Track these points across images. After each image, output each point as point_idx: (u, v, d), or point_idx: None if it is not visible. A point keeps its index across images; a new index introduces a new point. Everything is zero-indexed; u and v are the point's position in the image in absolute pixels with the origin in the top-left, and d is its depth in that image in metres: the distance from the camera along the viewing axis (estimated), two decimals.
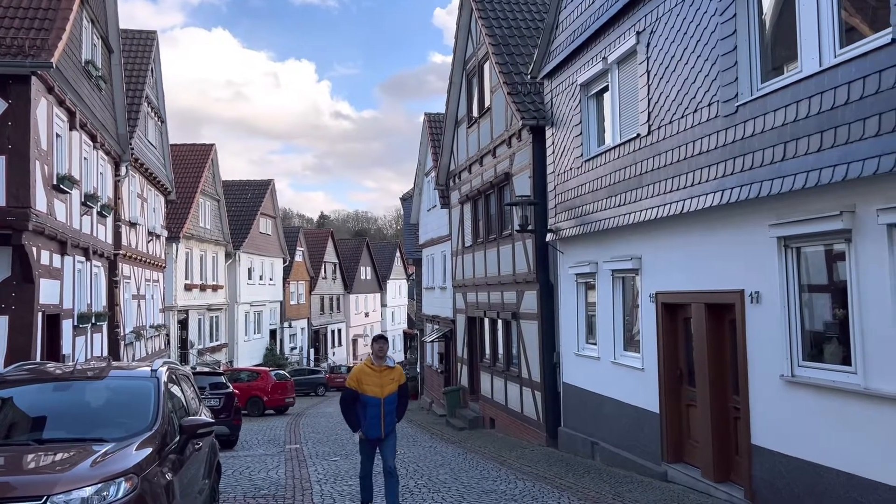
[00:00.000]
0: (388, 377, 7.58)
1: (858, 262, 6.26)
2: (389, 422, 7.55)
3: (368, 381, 7.50)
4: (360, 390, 7.50)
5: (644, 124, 9.80)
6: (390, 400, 7.55)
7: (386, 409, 7.50)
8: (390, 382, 7.57)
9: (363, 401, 7.48)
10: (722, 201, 7.84)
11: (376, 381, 7.50)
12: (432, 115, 27.14)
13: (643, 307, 10.25)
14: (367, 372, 7.56)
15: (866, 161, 5.83)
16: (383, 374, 7.56)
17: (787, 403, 7.22)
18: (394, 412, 7.60)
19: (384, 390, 7.50)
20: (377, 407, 7.45)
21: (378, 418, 7.46)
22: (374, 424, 7.47)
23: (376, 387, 7.48)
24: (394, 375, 7.62)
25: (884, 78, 5.67)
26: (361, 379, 7.54)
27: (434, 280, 26.20)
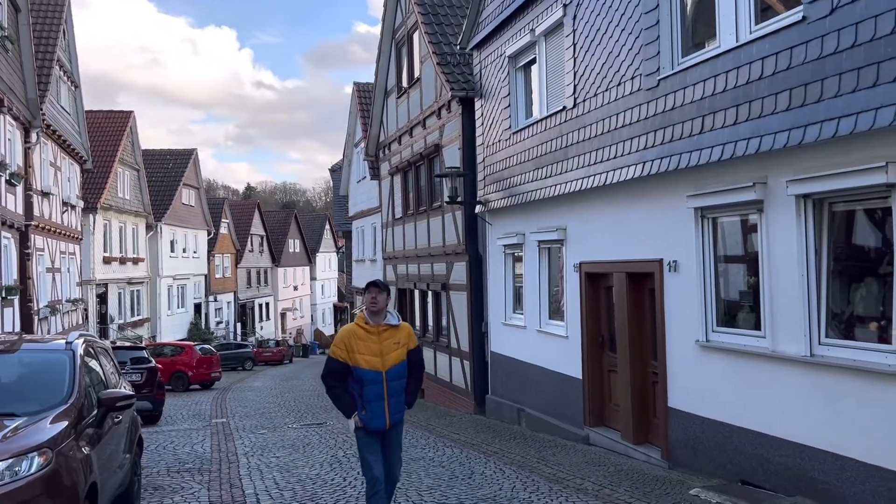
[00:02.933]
0: (392, 340, 5.38)
1: (769, 231, 6.57)
2: (396, 406, 5.40)
3: (363, 348, 5.30)
4: (350, 362, 5.32)
5: (570, 97, 9.94)
6: (396, 373, 5.37)
7: (391, 388, 5.33)
8: (395, 348, 5.37)
9: (357, 377, 5.32)
10: (643, 173, 8.06)
11: (374, 347, 5.31)
12: (361, 85, 26.78)
13: (568, 277, 10.49)
14: (360, 334, 5.35)
15: (777, 134, 6.09)
16: (384, 336, 5.36)
17: (701, 367, 7.55)
18: (402, 392, 5.43)
19: (387, 360, 5.32)
20: (378, 385, 5.30)
21: (381, 400, 5.30)
22: (377, 410, 5.32)
23: (374, 355, 5.31)
24: (399, 337, 5.42)
25: (794, 54, 5.92)
26: (351, 345, 5.32)
27: (364, 252, 26.07)
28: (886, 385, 5.38)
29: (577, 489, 7.01)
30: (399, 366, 5.38)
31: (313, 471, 8.46)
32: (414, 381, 5.53)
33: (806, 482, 6.14)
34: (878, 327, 5.69)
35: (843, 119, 5.43)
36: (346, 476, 8.05)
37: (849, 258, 6.07)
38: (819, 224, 6.11)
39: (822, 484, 5.97)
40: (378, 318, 5.40)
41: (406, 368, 5.43)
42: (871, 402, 5.51)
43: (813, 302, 6.12)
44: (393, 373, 5.35)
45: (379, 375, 5.30)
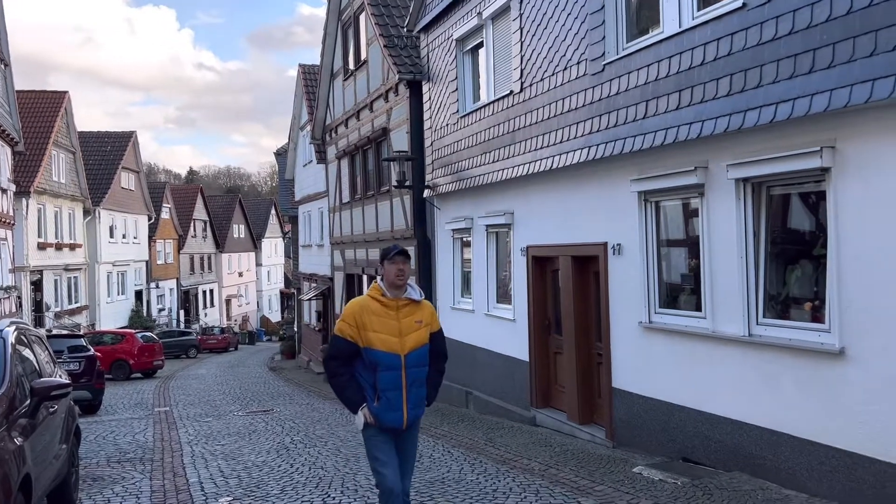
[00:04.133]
0: (412, 318, 4.44)
1: (710, 215, 6.71)
2: (416, 399, 4.43)
3: (377, 326, 4.36)
4: (361, 341, 4.36)
5: (517, 81, 9.96)
6: (417, 358, 4.41)
7: (410, 376, 4.37)
8: (416, 328, 4.43)
9: (370, 360, 4.36)
10: (588, 157, 8.14)
11: (391, 324, 4.38)
12: (307, 67, 26.33)
13: (515, 261, 10.56)
14: (375, 309, 4.41)
15: (718, 119, 6.21)
16: (403, 312, 4.43)
17: (644, 348, 7.70)
18: (423, 383, 4.47)
19: (406, 341, 4.37)
20: (395, 371, 4.34)
21: (398, 390, 4.34)
22: (394, 402, 4.35)
23: (391, 335, 4.35)
24: (422, 316, 4.48)
25: (735, 40, 6.03)
26: (364, 321, 4.37)
27: (311, 237, 25.77)
28: (819, 363, 5.58)
29: (524, 469, 7.09)
30: (421, 349, 4.40)
31: (259, 458, 8.36)
32: (436, 371, 4.56)
33: (744, 458, 6.34)
34: (811, 307, 5.89)
35: (781, 104, 5.57)
36: (294, 462, 7.98)
37: (785, 241, 6.26)
38: (757, 207, 6.28)
39: (759, 459, 6.17)
40: (398, 292, 4.44)
41: (428, 354, 4.45)
42: (806, 380, 5.71)
43: (751, 283, 6.29)
44: (413, 357, 4.36)
45: (397, 359, 4.30)
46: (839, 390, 5.41)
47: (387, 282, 4.48)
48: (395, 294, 4.45)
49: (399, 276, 4.45)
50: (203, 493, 6.75)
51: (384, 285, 4.49)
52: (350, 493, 6.45)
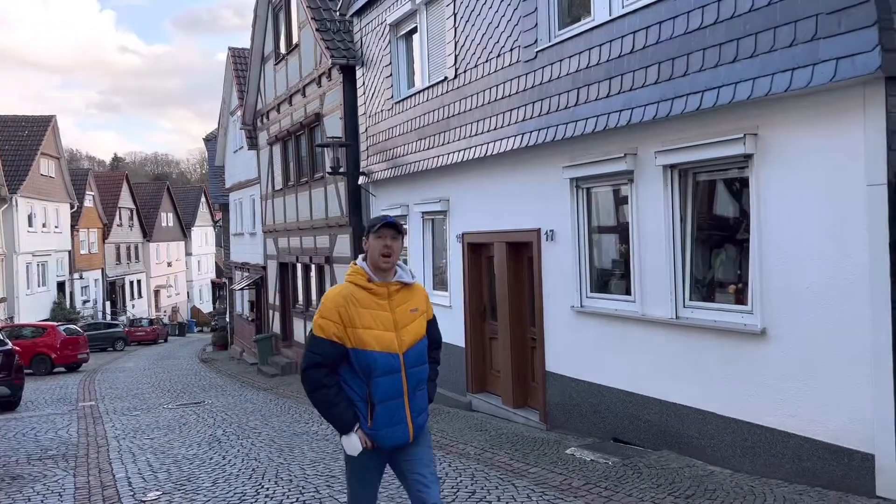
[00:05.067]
0: (406, 306, 3.59)
1: (639, 201, 6.86)
2: (419, 404, 3.59)
3: (368, 320, 3.47)
4: (349, 342, 3.45)
5: (451, 67, 9.94)
6: (416, 356, 3.57)
7: (411, 378, 3.54)
8: (412, 317, 3.59)
9: (362, 365, 3.45)
10: (522, 144, 8.20)
11: (384, 317, 3.51)
12: (237, 51, 25.64)
13: (451, 248, 10.58)
14: (362, 299, 3.50)
15: (647, 107, 6.34)
16: (396, 299, 3.56)
17: (576, 332, 7.84)
18: (425, 383, 3.67)
19: (404, 336, 3.53)
20: (395, 375, 3.49)
21: (400, 397, 3.50)
22: (395, 414, 3.49)
23: (386, 329, 3.50)
24: (416, 302, 3.65)
25: (663, 29, 6.16)
26: (352, 315, 3.46)
27: (243, 226, 25.21)
28: (743, 343, 5.79)
29: (460, 454, 7.14)
30: (420, 344, 3.57)
31: (190, 451, 8.16)
32: (434, 362, 3.76)
33: (672, 436, 6.54)
34: (735, 290, 6.10)
35: (707, 92, 5.72)
36: (226, 454, 7.81)
37: (711, 226, 6.45)
38: (685, 193, 6.45)
39: (686, 438, 6.38)
40: (387, 275, 3.54)
41: (426, 348, 3.64)
42: (730, 360, 5.91)
43: (678, 268, 6.47)
44: (413, 355, 3.52)
45: (395, 360, 3.45)
46: (761, 369, 5.63)
47: (371, 262, 3.53)
48: (382, 278, 3.54)
49: (385, 255, 3.50)
50: (130, 489, 6.54)
51: (368, 267, 3.53)
52: (284, 484, 6.36)
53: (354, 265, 3.61)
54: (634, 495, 5.34)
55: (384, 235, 3.54)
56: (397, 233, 3.57)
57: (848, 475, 5.01)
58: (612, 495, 5.38)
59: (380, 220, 3.59)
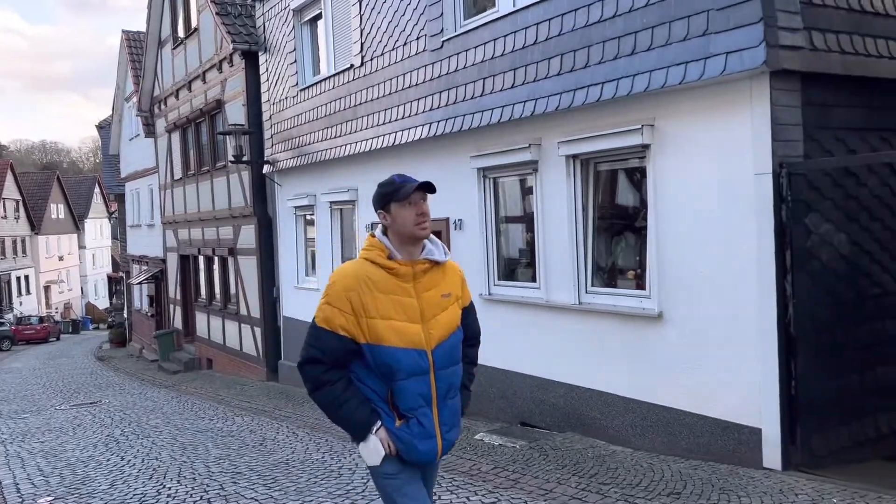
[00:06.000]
0: (438, 290, 2.86)
1: (543, 190, 7.00)
2: (451, 414, 2.88)
3: (388, 308, 2.75)
4: (363, 336, 2.74)
5: (357, 55, 9.82)
6: (449, 353, 2.85)
7: (442, 381, 2.82)
8: (443, 304, 2.86)
9: (380, 365, 2.76)
10: (430, 134, 8.21)
11: (409, 304, 2.78)
12: (132, 34, 24.44)
13: (360, 238, 10.48)
14: (380, 282, 2.77)
15: (550, 98, 6.47)
16: (423, 282, 2.83)
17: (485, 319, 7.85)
18: (458, 388, 2.94)
19: (432, 328, 2.81)
20: (423, 378, 2.78)
21: (427, 406, 2.80)
22: (423, 423, 2.79)
23: (411, 321, 2.77)
24: (449, 284, 2.92)
25: (564, 21, 6.29)
26: (366, 302, 2.74)
27: (141, 217, 24.14)
28: (641, 327, 6.02)
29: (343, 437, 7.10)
30: (453, 339, 2.84)
31: (85, 453, 7.77)
32: (471, 364, 3.08)
33: (577, 419, 6.74)
34: (635, 276, 6.34)
35: (607, 84, 5.89)
36: (125, 455, 7.48)
37: (612, 214, 6.67)
38: (586, 183, 6.63)
39: (590, 419, 6.59)
40: (414, 250, 2.80)
41: (461, 343, 2.91)
42: (630, 343, 6.14)
43: (581, 255, 6.66)
44: (444, 352, 2.80)
45: (423, 358, 2.74)
46: (658, 351, 5.87)
47: (397, 234, 2.77)
48: (408, 255, 2.78)
49: (422, 223, 2.76)
50: (19, 495, 6.16)
51: (390, 241, 2.78)
52: (188, 482, 6.15)
53: (372, 238, 2.83)
54: (541, 477, 5.47)
55: (415, 200, 2.75)
56: (425, 192, 2.78)
57: (738, 449, 5.30)
58: (520, 478, 5.49)
59: (401, 183, 2.76)
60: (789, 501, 4.42)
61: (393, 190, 2.80)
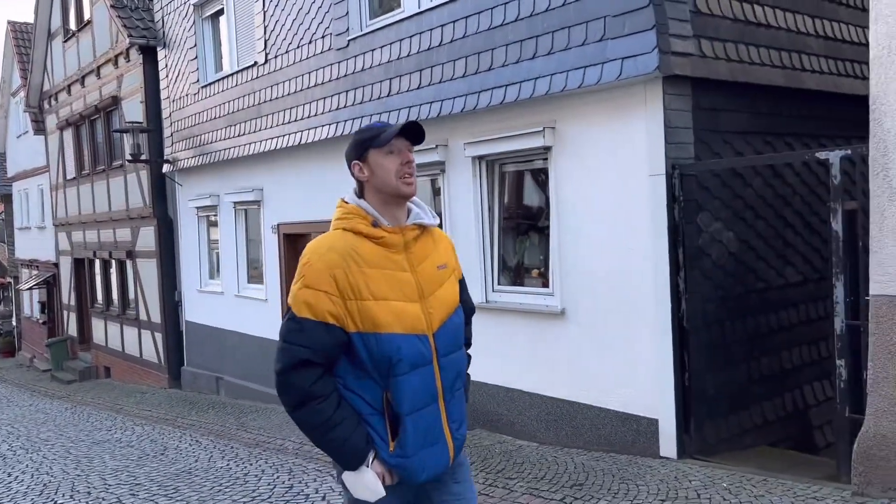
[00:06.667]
0: (432, 260, 2.34)
1: (451, 191, 7.06)
2: (458, 410, 2.38)
3: (382, 285, 2.21)
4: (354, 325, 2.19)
5: (261, 52, 9.61)
6: (452, 336, 2.33)
7: (447, 372, 2.30)
8: (441, 277, 2.35)
9: (379, 358, 2.19)
10: (337, 133, 8.12)
11: (405, 280, 2.25)
12: (18, 25, 23.01)
13: (266, 239, 10.27)
14: (368, 253, 2.22)
15: (456, 99, 6.53)
16: (416, 252, 2.31)
17: None
18: (463, 377, 2.42)
19: (432, 307, 2.28)
20: (426, 368, 2.25)
21: (434, 402, 2.28)
22: (430, 427, 2.27)
23: (409, 299, 2.24)
24: (442, 254, 2.40)
25: (469, 23, 6.36)
26: (355, 280, 2.18)
27: (30, 219, 22.78)
28: (546, 324, 6.17)
29: (278, 450, 6.98)
30: (454, 318, 2.36)
31: None
32: (468, 346, 2.54)
33: (485, 415, 6.83)
34: (539, 274, 6.49)
35: (510, 87, 5.99)
36: (12, 471, 7.05)
37: (517, 214, 6.80)
38: (492, 184, 6.73)
39: (497, 415, 6.69)
40: (399, 214, 2.32)
41: (462, 318, 2.43)
42: (535, 340, 6.28)
43: (488, 254, 6.75)
44: (446, 335, 2.31)
45: (426, 345, 2.26)
46: (562, 347, 6.03)
47: (377, 193, 2.29)
48: (394, 219, 2.29)
49: (408, 176, 2.27)
50: None
51: (371, 205, 2.28)
52: (81, 496, 5.86)
53: (344, 203, 2.32)
54: None
55: (399, 148, 2.27)
56: (413, 144, 2.30)
57: (637, 440, 5.52)
58: None
59: (382, 127, 2.30)
60: (683, 488, 4.64)
61: (372, 135, 2.29)
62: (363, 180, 2.31)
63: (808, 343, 6.01)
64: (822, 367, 5.96)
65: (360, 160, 2.32)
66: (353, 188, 2.35)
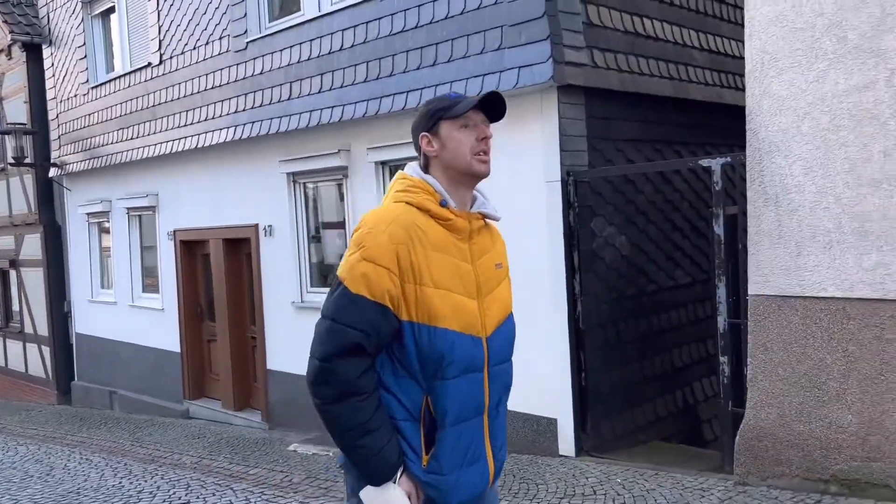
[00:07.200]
0: (491, 257, 2.10)
1: (354, 196, 7.02)
2: (501, 431, 2.14)
3: (445, 273, 1.94)
4: (406, 313, 1.90)
5: (156, 52, 9.27)
6: (504, 345, 2.10)
7: (495, 384, 2.06)
8: (498, 276, 2.12)
9: (428, 354, 1.91)
10: (235, 137, 7.93)
11: (464, 270, 1.99)
12: None
13: (162, 246, 9.89)
14: (435, 235, 1.95)
15: (357, 104, 6.50)
16: (478, 244, 2.06)
17: (298, 328, 7.80)
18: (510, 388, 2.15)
19: (490, 307, 2.04)
20: (477, 374, 1.99)
21: (479, 418, 2.02)
22: (471, 443, 2.01)
23: (468, 294, 1.98)
24: (499, 253, 2.17)
25: (370, 29, 6.35)
26: (418, 261, 1.90)
27: None
28: None
29: (175, 465, 6.72)
30: (509, 322, 2.15)
31: None
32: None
33: None
34: None
35: (411, 93, 6.02)
36: None
37: None
38: None
39: None
40: (466, 197, 2.09)
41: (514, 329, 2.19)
42: None
43: None
44: (500, 342, 2.09)
45: (478, 349, 2.00)
46: None
47: (446, 170, 2.03)
48: (461, 203, 2.05)
49: (483, 154, 2.03)
50: None
51: (439, 183, 2.02)
52: None
53: (406, 177, 2.04)
54: None
55: (475, 122, 2.01)
56: (489, 120, 2.04)
57: (537, 439, 5.64)
58: (332, 485, 5.46)
59: (458, 98, 2.03)
60: (580, 485, 4.78)
61: (446, 105, 2.01)
62: (431, 155, 2.03)
63: (697, 341, 6.32)
64: (710, 364, 6.27)
65: (429, 132, 2.03)
66: (418, 161, 2.07)
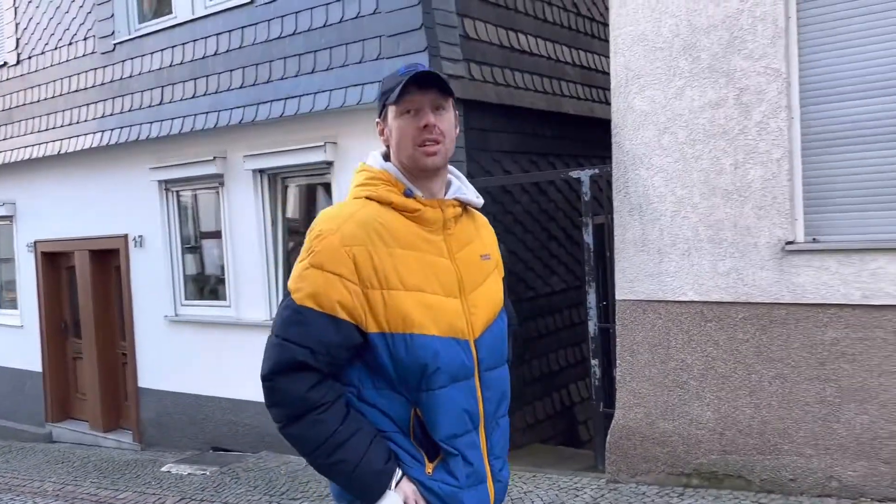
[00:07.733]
0: (474, 248, 1.83)
1: (231, 205, 6.81)
2: (501, 442, 1.84)
3: (415, 272, 1.70)
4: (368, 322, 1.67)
5: (13, 52, 8.64)
6: (496, 345, 1.82)
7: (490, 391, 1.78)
8: (485, 269, 1.85)
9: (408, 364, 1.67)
10: (102, 143, 7.52)
11: (440, 266, 1.74)
12: None
13: (20, 258, 9.21)
14: (399, 230, 1.72)
15: (234, 111, 6.32)
16: (457, 234, 1.80)
17: (171, 342, 7.47)
18: (508, 399, 1.86)
19: (476, 305, 1.78)
20: (467, 382, 1.74)
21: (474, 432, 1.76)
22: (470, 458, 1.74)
23: (449, 293, 1.73)
24: (485, 242, 1.89)
25: (245, 34, 6.20)
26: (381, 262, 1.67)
27: None
28: None
29: (36, 492, 6.26)
30: (500, 321, 1.86)
31: None
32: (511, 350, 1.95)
33: (271, 437, 6.62)
34: None
35: (289, 101, 5.92)
36: None
37: (303, 230, 6.70)
38: (275, 198, 6.59)
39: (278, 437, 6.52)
40: (433, 186, 1.79)
41: (505, 327, 1.89)
42: None
43: (272, 270, 6.59)
44: (490, 344, 1.81)
45: (466, 353, 1.74)
46: None
47: (400, 160, 1.79)
48: (428, 192, 1.79)
49: (426, 142, 1.73)
50: None
51: (397, 170, 1.80)
52: None
53: (365, 168, 1.83)
54: (231, 501, 5.28)
55: (416, 107, 1.73)
56: (442, 95, 1.75)
57: None
58: None
59: (401, 75, 1.74)
60: None
61: (389, 87, 1.75)
62: (385, 143, 1.82)
63: (572, 345, 6.56)
64: (585, 367, 6.52)
65: (380, 118, 1.82)
66: (381, 150, 1.85)
